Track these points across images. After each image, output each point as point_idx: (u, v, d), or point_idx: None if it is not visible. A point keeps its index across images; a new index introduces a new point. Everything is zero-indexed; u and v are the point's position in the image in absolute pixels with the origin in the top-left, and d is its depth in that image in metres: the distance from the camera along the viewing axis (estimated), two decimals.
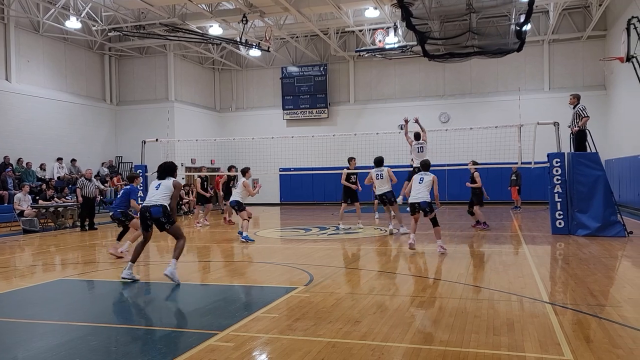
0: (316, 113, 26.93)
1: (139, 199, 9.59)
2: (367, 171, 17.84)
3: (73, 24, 20.04)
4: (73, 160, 21.56)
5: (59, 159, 20.81)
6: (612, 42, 21.00)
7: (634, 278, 7.19)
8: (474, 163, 13.35)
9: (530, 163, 12.34)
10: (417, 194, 9.48)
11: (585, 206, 11.37)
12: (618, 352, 4.02)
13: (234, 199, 11.83)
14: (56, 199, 17.12)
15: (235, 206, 11.78)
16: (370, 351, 4.14)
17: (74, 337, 4.78)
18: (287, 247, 11.03)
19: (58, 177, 20.19)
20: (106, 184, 21.72)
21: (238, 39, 20.32)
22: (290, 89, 27.20)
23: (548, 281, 6.97)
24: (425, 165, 9.86)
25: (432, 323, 4.91)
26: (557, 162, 11.67)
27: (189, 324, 5.35)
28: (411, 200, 9.57)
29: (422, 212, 9.51)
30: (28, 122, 19.98)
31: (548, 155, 11.88)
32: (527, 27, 13.77)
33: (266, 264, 8.74)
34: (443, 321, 4.93)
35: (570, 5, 21.86)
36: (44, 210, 15.98)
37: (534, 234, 11.99)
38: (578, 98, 12.12)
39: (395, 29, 20.92)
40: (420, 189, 9.49)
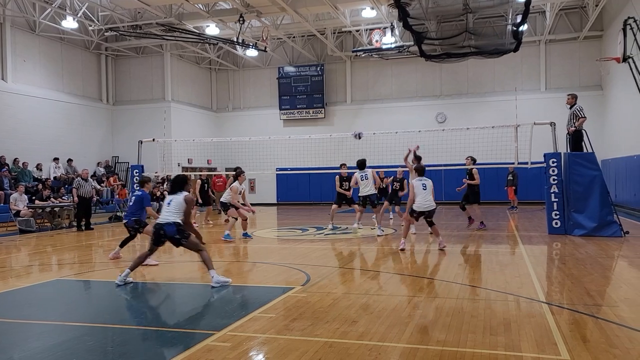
0: (313, 113, 26.92)
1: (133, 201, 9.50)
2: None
3: (69, 24, 19.97)
4: (69, 160, 21.49)
5: (56, 159, 20.74)
6: (609, 43, 21.07)
7: (631, 278, 7.21)
8: (472, 160, 13.29)
9: (526, 163, 12.35)
10: (426, 202, 9.53)
11: (581, 206, 11.41)
12: (615, 352, 4.04)
13: (222, 200, 12.23)
14: (52, 199, 17.06)
15: (222, 207, 12.22)
16: (367, 351, 4.14)
17: (71, 338, 4.76)
18: (284, 247, 11.03)
19: (54, 177, 20.13)
20: (103, 184, 21.66)
21: (235, 39, 20.32)
22: (287, 89, 27.18)
23: (545, 281, 6.99)
24: (423, 170, 9.90)
25: (429, 323, 4.91)
26: (554, 162, 11.70)
27: (186, 324, 5.34)
28: (423, 208, 9.54)
29: (426, 217, 9.70)
30: (24, 122, 19.90)
31: (544, 155, 11.92)
32: (524, 28, 13.81)
33: (263, 264, 8.73)
34: (440, 321, 4.94)
35: (566, 5, 21.93)
36: (41, 210, 15.92)
37: (531, 234, 12.01)
38: (575, 98, 12.16)
39: (392, 29, 20.95)
40: (427, 196, 9.53)
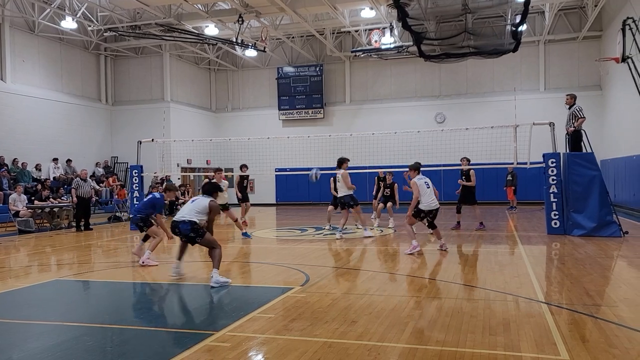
0: (312, 113, 26.92)
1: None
2: (359, 171, 17.97)
3: (69, 24, 19.95)
4: (68, 160, 21.48)
5: (55, 159, 20.73)
6: (608, 43, 21.09)
7: (630, 278, 7.22)
8: (468, 160, 13.23)
9: (525, 163, 12.36)
10: (432, 201, 9.30)
11: (580, 206, 11.41)
12: (614, 352, 4.04)
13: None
14: (52, 200, 17.05)
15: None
16: (366, 351, 4.14)
17: (70, 338, 4.76)
18: (283, 248, 11.02)
19: (54, 178, 20.12)
20: (102, 185, 21.64)
21: (234, 39, 20.30)
22: (286, 89, 27.18)
23: (544, 281, 6.99)
24: (419, 167, 9.59)
25: (428, 323, 4.91)
26: (553, 163, 11.71)
27: (185, 324, 5.34)
28: (430, 207, 9.28)
29: (432, 218, 9.45)
30: (23, 122, 19.89)
31: (544, 155, 11.92)
32: (523, 28, 13.83)
33: (262, 264, 8.72)
34: (439, 321, 4.94)
35: (565, 5, 21.95)
36: (40, 210, 15.91)
37: (530, 234, 12.02)
38: (574, 98, 12.17)
39: (391, 30, 20.96)
40: (431, 195, 9.34)
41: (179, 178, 23.66)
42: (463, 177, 13.13)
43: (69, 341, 4.65)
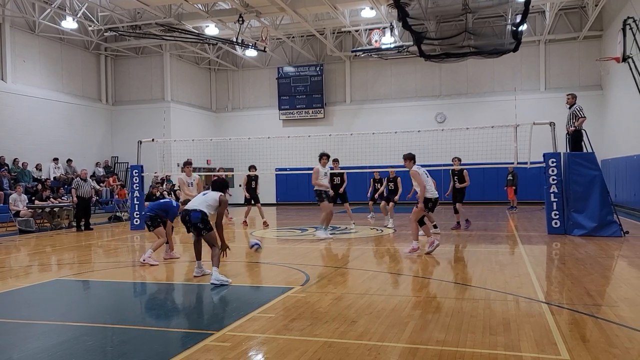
0: (312, 113, 26.92)
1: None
2: (359, 171, 17.95)
3: (69, 24, 19.96)
4: (69, 160, 21.49)
5: (55, 159, 20.74)
6: (608, 42, 21.08)
7: (630, 278, 7.21)
8: (459, 160, 13.08)
9: (526, 163, 12.35)
10: (433, 189, 9.01)
11: (581, 206, 11.40)
12: (614, 352, 4.03)
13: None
14: (52, 200, 17.06)
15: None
16: (366, 351, 4.14)
17: (70, 338, 4.76)
18: (283, 247, 11.02)
19: (54, 178, 20.12)
20: (102, 184, 21.65)
21: (234, 39, 20.30)
22: (286, 89, 27.18)
23: (544, 281, 6.99)
24: (414, 155, 9.31)
25: (429, 323, 4.91)
26: (553, 162, 11.70)
27: (185, 324, 5.34)
28: (434, 195, 8.98)
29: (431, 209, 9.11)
30: (24, 122, 19.90)
31: (544, 155, 11.91)
32: (523, 27, 13.81)
33: (262, 264, 8.72)
34: (439, 321, 4.94)
35: (566, 5, 21.94)
36: (40, 210, 15.92)
37: (530, 234, 12.01)
38: (575, 98, 12.17)
39: (391, 29, 20.95)
40: (431, 184, 9.06)
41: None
42: (455, 178, 13.04)
43: (70, 341, 4.65)
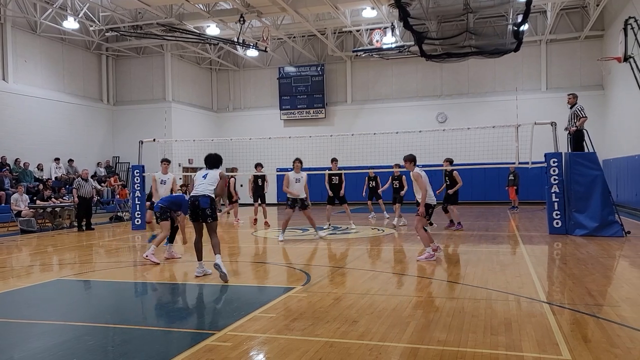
0: (313, 113, 26.92)
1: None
2: (360, 172, 17.90)
3: (70, 24, 19.98)
4: (70, 160, 21.51)
5: (56, 159, 20.77)
6: (610, 42, 21.05)
7: (632, 278, 7.20)
8: (450, 161, 12.90)
9: (527, 163, 12.34)
10: (432, 194, 8.68)
11: (582, 206, 11.39)
12: (616, 352, 4.03)
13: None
14: (53, 199, 17.08)
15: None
16: (367, 351, 4.13)
17: (71, 337, 4.76)
18: (285, 247, 11.02)
19: (55, 178, 20.14)
20: (103, 184, 21.67)
21: (235, 39, 20.31)
22: (287, 89, 27.18)
23: (545, 281, 6.98)
24: (415, 158, 8.89)
25: (430, 323, 4.90)
26: (555, 162, 11.68)
27: (187, 324, 5.34)
28: (434, 201, 8.67)
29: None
30: (25, 122, 19.92)
31: (545, 155, 11.89)
32: (525, 27, 13.79)
33: (263, 264, 8.73)
34: (440, 321, 4.93)
35: (567, 5, 21.91)
36: (42, 210, 15.94)
37: (532, 234, 12.00)
38: (576, 98, 12.16)
39: (392, 29, 20.94)
40: (430, 188, 8.64)
41: (181, 178, 23.65)
42: (447, 178, 12.96)
43: (71, 341, 4.65)
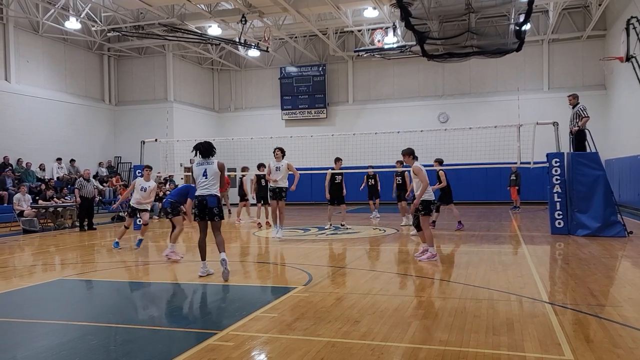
0: (315, 113, 26.92)
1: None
2: (362, 171, 17.90)
3: (72, 25, 20.02)
4: (72, 160, 21.55)
5: (58, 159, 20.80)
6: (612, 42, 21.01)
7: (634, 278, 7.19)
8: (440, 162, 12.77)
9: (529, 163, 12.33)
10: (431, 190, 8.60)
11: (585, 206, 11.37)
12: (618, 352, 4.02)
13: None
14: (55, 199, 17.11)
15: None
16: (370, 351, 4.13)
17: (74, 337, 4.77)
18: (286, 247, 11.02)
19: (57, 178, 20.17)
20: (105, 184, 21.70)
21: (237, 39, 20.31)
22: (289, 89, 27.19)
23: (548, 281, 6.97)
24: (414, 152, 8.72)
25: (432, 323, 4.90)
26: (557, 162, 11.67)
27: (189, 324, 5.34)
28: (432, 197, 8.60)
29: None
30: (27, 122, 19.96)
31: (547, 155, 11.88)
32: (527, 27, 13.77)
33: (265, 264, 8.73)
34: (442, 321, 4.93)
35: (569, 5, 21.86)
36: (44, 210, 15.96)
37: (533, 234, 11.98)
38: (577, 97, 12.13)
39: (394, 29, 20.92)
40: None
41: (182, 178, 23.67)
42: (437, 179, 12.83)
43: (73, 340, 4.66)
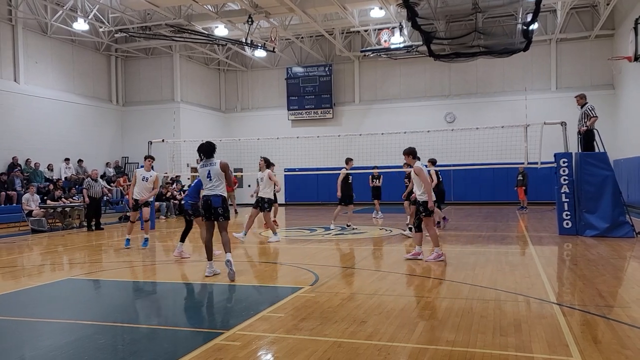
0: (321, 113, 26.93)
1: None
2: (367, 171, 17.90)
3: (80, 26, 20.15)
4: (80, 160, 21.69)
5: (66, 160, 20.94)
6: (620, 41, 20.86)
7: None
8: (433, 162, 12.63)
9: (536, 163, 12.27)
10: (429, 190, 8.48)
11: (593, 206, 11.29)
12: (626, 353, 3.99)
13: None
14: (63, 199, 17.22)
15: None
16: (376, 351, 4.13)
17: (82, 336, 4.80)
18: (293, 247, 11.04)
19: (65, 178, 20.31)
20: (112, 184, 21.81)
21: (243, 40, 20.37)
22: (295, 90, 27.21)
23: (555, 282, 6.93)
24: (416, 152, 8.69)
25: (439, 323, 4.89)
26: (565, 162, 11.60)
27: (196, 323, 5.37)
28: (432, 196, 8.40)
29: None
30: (36, 123, 20.11)
31: (555, 155, 11.81)
32: (534, 27, 13.71)
33: (271, 264, 8.75)
34: (449, 321, 4.92)
35: (577, 4, 21.72)
36: (52, 210, 16.07)
37: (541, 235, 11.92)
38: (585, 98, 12.05)
39: (400, 29, 20.89)
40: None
41: (189, 178, 23.76)
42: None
43: (81, 339, 4.69)
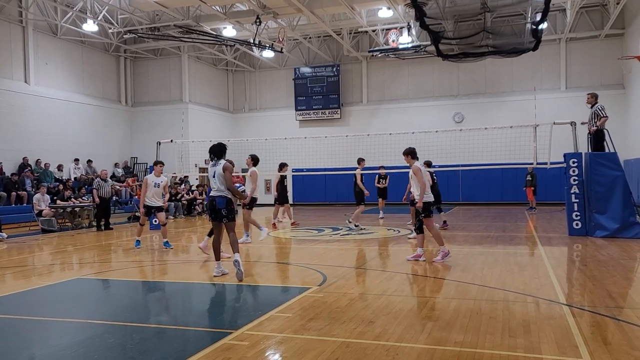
0: (329, 114, 26.93)
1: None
2: (374, 172, 17.86)
3: (90, 27, 20.32)
4: (89, 161, 21.86)
5: (76, 160, 21.12)
6: (630, 41, 20.68)
7: None
8: (428, 164, 12.45)
9: (546, 163, 12.20)
10: (430, 191, 8.57)
11: (603, 207, 11.20)
12: (636, 354, 3.96)
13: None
14: (73, 200, 17.36)
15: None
16: (384, 351, 4.13)
17: (92, 335, 4.84)
18: (301, 248, 11.04)
19: (75, 178, 20.47)
20: (121, 184, 21.93)
21: (251, 40, 20.42)
22: (303, 90, 27.24)
23: (565, 283, 6.88)
24: (415, 152, 8.70)
25: (447, 324, 4.88)
26: (574, 163, 11.51)
27: (204, 323, 5.39)
28: (431, 199, 8.55)
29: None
30: (46, 124, 20.30)
31: (565, 155, 11.72)
32: (544, 26, 13.61)
33: (279, 264, 8.76)
34: (457, 322, 4.90)
35: (587, 3, 21.56)
36: (62, 210, 16.21)
37: (550, 235, 11.84)
38: (596, 97, 11.95)
39: (408, 29, 20.85)
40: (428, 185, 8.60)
41: (197, 178, 23.88)
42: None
43: (91, 338, 4.73)
